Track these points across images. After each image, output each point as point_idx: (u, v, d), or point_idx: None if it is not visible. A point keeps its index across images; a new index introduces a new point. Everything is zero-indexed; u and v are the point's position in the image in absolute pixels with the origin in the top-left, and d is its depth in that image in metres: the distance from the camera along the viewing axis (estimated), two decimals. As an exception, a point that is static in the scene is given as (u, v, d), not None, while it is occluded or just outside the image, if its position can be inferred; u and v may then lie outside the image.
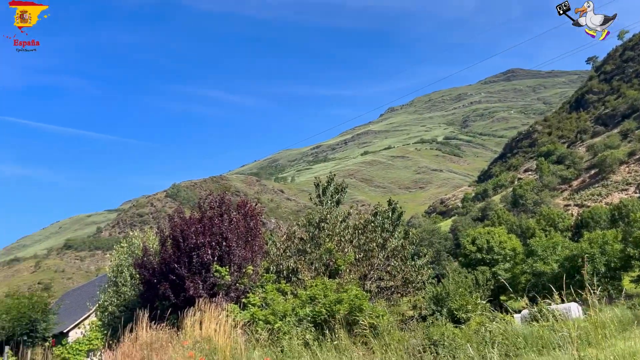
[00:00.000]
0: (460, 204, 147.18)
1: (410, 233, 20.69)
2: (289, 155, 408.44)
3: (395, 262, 17.84)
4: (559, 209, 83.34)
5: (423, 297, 19.84)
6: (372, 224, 18.78)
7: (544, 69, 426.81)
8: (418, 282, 17.76)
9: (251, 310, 12.92)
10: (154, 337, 10.89)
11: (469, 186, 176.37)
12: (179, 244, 14.73)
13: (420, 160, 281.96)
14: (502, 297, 47.11)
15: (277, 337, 11.09)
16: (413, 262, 18.34)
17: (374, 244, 17.76)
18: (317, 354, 8.12)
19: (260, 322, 12.18)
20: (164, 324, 11.95)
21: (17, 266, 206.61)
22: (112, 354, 11.25)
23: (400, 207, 21.36)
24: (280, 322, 12.27)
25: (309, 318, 12.54)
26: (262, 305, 13.51)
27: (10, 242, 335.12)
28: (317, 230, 17.84)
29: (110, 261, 23.09)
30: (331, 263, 16.56)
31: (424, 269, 18.43)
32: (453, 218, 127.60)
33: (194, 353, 8.73)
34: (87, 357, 21.85)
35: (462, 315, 18.10)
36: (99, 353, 21.33)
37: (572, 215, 79.82)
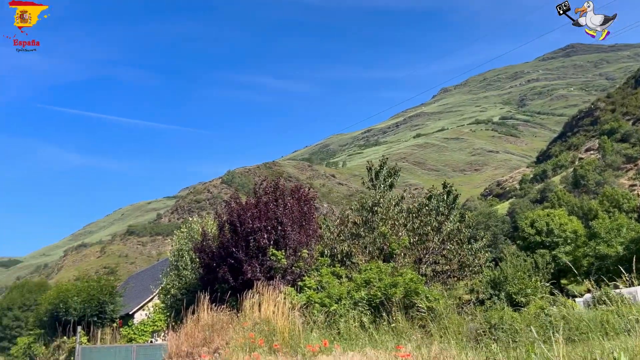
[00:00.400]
0: (518, 186, 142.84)
1: (467, 216, 20.32)
2: (340, 139, 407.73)
3: (451, 245, 17.60)
4: (624, 189, 79.35)
5: (480, 281, 19.52)
6: (427, 208, 18.57)
7: (606, 43, 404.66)
8: (475, 266, 17.47)
9: (307, 293, 13.12)
10: (215, 319, 11.29)
11: (527, 167, 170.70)
12: (236, 229, 15.10)
13: (476, 141, 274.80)
14: (563, 281, 45.59)
15: (333, 319, 11.23)
16: (470, 246, 18.03)
17: (429, 228, 17.58)
18: (374, 336, 8.18)
19: (317, 304, 12.35)
20: (224, 306, 12.35)
21: (85, 251, 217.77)
22: (176, 335, 11.75)
23: (456, 190, 20.98)
24: (336, 305, 12.41)
25: (365, 301, 12.63)
26: (317, 288, 13.69)
27: (77, 229, 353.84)
28: (371, 214, 17.82)
29: (171, 246, 23.96)
30: (385, 247, 16.54)
31: (481, 252, 18.09)
32: (510, 200, 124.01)
33: (254, 334, 9.00)
34: (151, 337, 22.84)
35: (521, 299, 17.72)
36: (162, 334, 22.29)
37: (638, 195, 75.93)
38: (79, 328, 20.65)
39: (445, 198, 19.89)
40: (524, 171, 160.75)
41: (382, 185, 20.07)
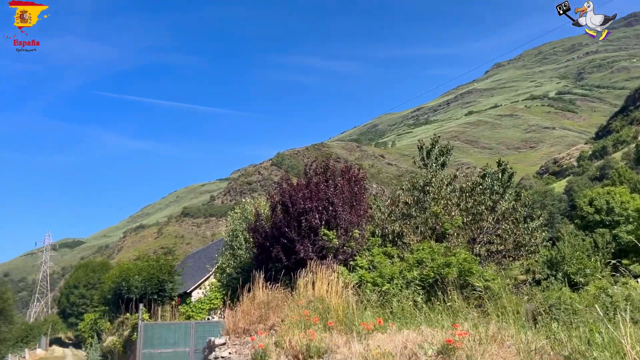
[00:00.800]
0: (575, 163, 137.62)
1: (522, 195, 19.78)
2: (389, 119, 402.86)
3: (506, 225, 17.21)
4: (693, 165, 74.99)
5: (536, 261, 19.04)
6: (481, 187, 18.19)
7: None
8: (531, 246, 17.02)
9: (359, 272, 13.20)
10: (270, 297, 11.56)
11: (586, 144, 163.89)
12: (288, 209, 15.31)
13: (531, 118, 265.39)
14: (625, 261, 43.78)
15: (386, 299, 11.27)
16: (525, 225, 17.56)
17: (483, 207, 17.24)
18: (429, 315, 8.18)
19: (369, 284, 12.42)
20: (278, 285, 12.61)
21: (143, 232, 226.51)
22: (233, 312, 12.12)
23: (511, 168, 20.43)
24: (388, 284, 12.44)
25: (417, 281, 12.59)
26: (369, 268, 13.75)
27: (135, 211, 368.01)
28: (422, 194, 17.63)
29: (226, 226, 24.60)
30: (438, 227, 16.37)
31: (537, 231, 17.58)
32: (568, 178, 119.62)
33: (309, 312, 9.16)
34: (208, 315, 23.62)
35: (580, 279, 17.21)
36: (219, 311, 23.02)
37: None
38: (141, 305, 21.61)
39: (500, 176, 19.40)
40: (582, 148, 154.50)
41: (434, 165, 19.78)
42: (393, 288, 12.06)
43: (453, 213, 16.77)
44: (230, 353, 10.16)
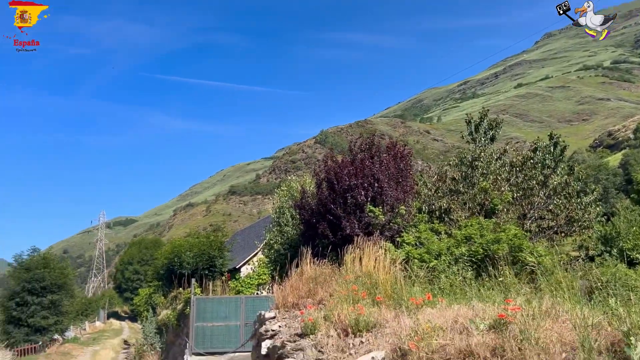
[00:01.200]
0: (632, 136, 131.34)
1: (576, 168, 19.10)
2: (434, 94, 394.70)
3: (558, 200, 16.70)
4: None
5: (590, 237, 18.44)
6: (532, 161, 17.67)
7: None
8: (584, 221, 16.46)
9: (406, 248, 13.17)
10: (318, 272, 11.71)
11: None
12: (333, 186, 15.37)
13: (584, 89, 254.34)
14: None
15: (434, 275, 11.22)
16: (579, 200, 16.99)
17: (534, 182, 16.77)
18: (480, 291, 8.10)
19: (416, 260, 12.38)
20: (325, 261, 12.75)
21: (192, 210, 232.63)
22: (281, 287, 12.36)
23: (563, 141, 19.73)
24: (436, 261, 12.36)
25: (465, 257, 12.45)
26: (416, 244, 13.69)
27: (184, 190, 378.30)
28: (470, 169, 17.30)
29: (273, 204, 24.97)
30: (486, 203, 16.07)
31: (591, 206, 16.99)
32: (623, 152, 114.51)
33: (357, 287, 9.24)
34: (257, 290, 24.18)
35: (636, 255, 16.57)
36: (267, 287, 23.52)
37: None
38: (193, 280, 22.34)
39: (552, 150, 18.77)
40: (639, 119, 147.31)
41: (483, 139, 19.34)
42: (441, 264, 11.99)
43: (502, 188, 16.41)
44: (280, 326, 10.40)
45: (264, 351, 10.26)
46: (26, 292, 34.93)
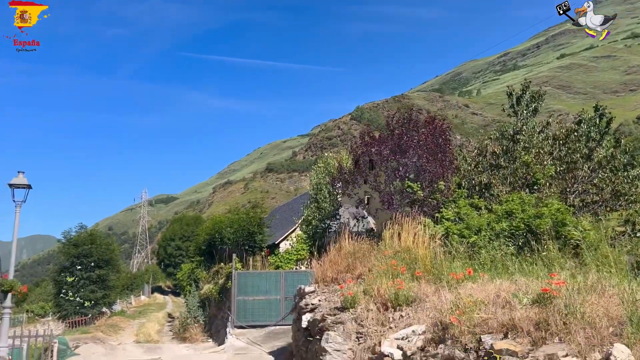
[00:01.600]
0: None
1: (622, 141, 18.39)
2: (473, 66, 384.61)
3: (603, 173, 16.17)
4: None
5: (636, 211, 17.80)
6: (576, 134, 17.11)
7: None
8: (631, 195, 15.89)
9: (445, 224, 13.05)
10: (356, 247, 11.80)
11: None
12: (371, 162, 15.32)
13: (631, 58, 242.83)
14: None
15: (474, 250, 11.11)
16: (625, 173, 16.38)
17: (578, 155, 16.26)
18: (522, 265, 8.00)
19: (455, 235, 12.28)
20: (363, 236, 12.81)
21: (230, 188, 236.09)
22: (320, 262, 12.52)
23: (609, 113, 18.98)
24: (475, 236, 12.22)
25: (506, 233, 12.26)
26: (455, 219, 13.54)
27: (222, 168, 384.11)
28: (512, 143, 16.89)
29: (310, 180, 25.08)
30: (528, 177, 15.70)
31: (638, 180, 16.37)
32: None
33: (396, 262, 9.28)
34: (295, 265, 24.49)
35: (687, 231, 15.94)
36: (305, 262, 23.80)
37: None
38: (234, 255, 22.80)
39: (598, 122, 18.10)
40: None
41: (525, 112, 18.80)
42: (481, 240, 11.84)
43: (545, 162, 15.99)
44: (319, 300, 10.56)
45: (304, 324, 10.47)
46: (75, 266, 36.43)
